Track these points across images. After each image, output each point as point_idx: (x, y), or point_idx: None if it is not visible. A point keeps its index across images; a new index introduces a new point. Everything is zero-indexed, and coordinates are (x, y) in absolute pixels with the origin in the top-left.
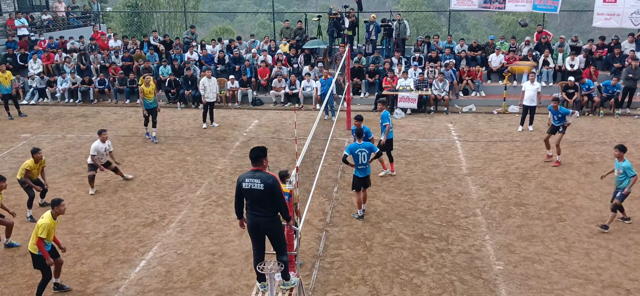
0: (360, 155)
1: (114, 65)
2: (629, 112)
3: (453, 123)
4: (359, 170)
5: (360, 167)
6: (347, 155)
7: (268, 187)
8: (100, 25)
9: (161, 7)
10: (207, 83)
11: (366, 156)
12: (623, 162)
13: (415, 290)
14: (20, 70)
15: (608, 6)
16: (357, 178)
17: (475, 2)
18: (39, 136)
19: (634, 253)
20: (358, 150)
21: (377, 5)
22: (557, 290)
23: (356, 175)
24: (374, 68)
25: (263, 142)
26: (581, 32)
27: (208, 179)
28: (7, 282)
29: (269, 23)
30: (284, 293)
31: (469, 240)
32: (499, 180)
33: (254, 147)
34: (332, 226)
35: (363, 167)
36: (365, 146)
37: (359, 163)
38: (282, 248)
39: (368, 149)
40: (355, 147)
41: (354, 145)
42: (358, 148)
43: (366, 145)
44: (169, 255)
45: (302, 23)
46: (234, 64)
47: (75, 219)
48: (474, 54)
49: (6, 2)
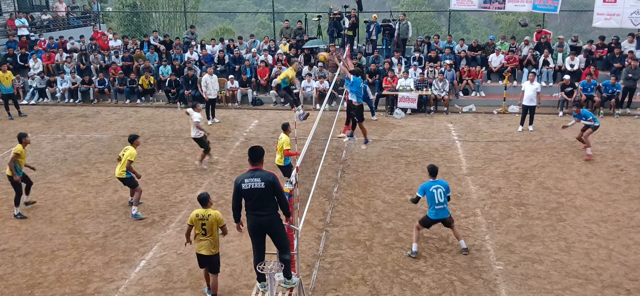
0: (436, 193)
1: (114, 65)
2: (629, 112)
3: (453, 123)
4: (437, 210)
5: (438, 207)
6: (420, 197)
7: (269, 184)
8: (101, 25)
9: (161, 7)
10: (209, 80)
11: (443, 194)
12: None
13: (415, 290)
14: (21, 70)
15: (608, 6)
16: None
17: (475, 2)
18: (39, 136)
19: (634, 253)
20: (433, 187)
21: (377, 5)
22: (557, 290)
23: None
24: (374, 68)
25: (263, 142)
26: (581, 32)
27: (208, 179)
28: (7, 282)
29: (269, 23)
30: (284, 292)
31: (469, 240)
32: (499, 180)
33: (252, 146)
34: (332, 226)
35: (441, 207)
36: (442, 184)
37: (436, 202)
38: (284, 246)
39: (445, 187)
40: (428, 185)
41: (427, 184)
42: (433, 186)
43: (443, 183)
44: (169, 255)
45: (302, 23)
46: (234, 63)
47: (75, 219)
48: (474, 54)
49: (6, 2)
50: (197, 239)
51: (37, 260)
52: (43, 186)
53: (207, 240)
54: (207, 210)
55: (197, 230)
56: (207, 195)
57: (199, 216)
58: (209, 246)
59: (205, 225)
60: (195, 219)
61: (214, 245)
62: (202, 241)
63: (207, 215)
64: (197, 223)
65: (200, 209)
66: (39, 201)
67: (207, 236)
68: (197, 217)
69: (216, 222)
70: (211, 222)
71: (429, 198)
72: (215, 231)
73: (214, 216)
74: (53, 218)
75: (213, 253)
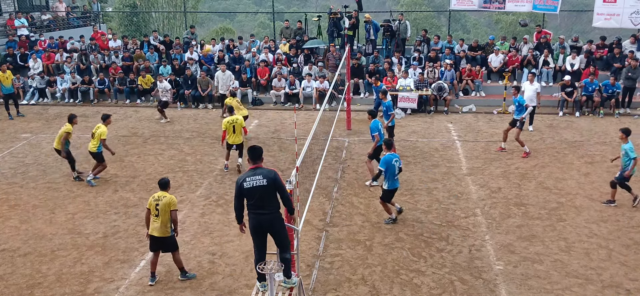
0: (397, 165)
1: (114, 65)
2: (629, 112)
3: (453, 123)
4: (396, 180)
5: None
6: (382, 170)
7: (271, 180)
8: (100, 25)
9: (161, 7)
10: (220, 77)
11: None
12: (626, 144)
13: (415, 290)
14: (21, 70)
15: (608, 6)
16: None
17: (475, 2)
18: (39, 136)
19: (634, 253)
20: (394, 160)
21: (377, 5)
22: (557, 290)
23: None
24: (374, 68)
25: (263, 142)
26: (581, 32)
27: (208, 179)
28: (7, 282)
29: (269, 23)
30: (284, 292)
31: (469, 240)
32: (499, 180)
33: (251, 145)
34: (332, 226)
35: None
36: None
37: (395, 174)
38: (285, 245)
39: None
40: (390, 158)
41: (389, 156)
42: (394, 159)
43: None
44: (168, 255)
45: (302, 23)
46: (234, 63)
47: (75, 219)
48: (474, 54)
49: (6, 2)
50: (152, 221)
51: (37, 260)
52: (43, 186)
53: (158, 221)
54: (164, 193)
55: (153, 212)
56: (168, 180)
57: (155, 198)
58: (160, 228)
59: (159, 205)
60: (151, 202)
61: (165, 227)
62: (154, 222)
63: (163, 196)
64: (152, 204)
65: (158, 192)
66: (39, 201)
67: (159, 218)
68: (153, 199)
69: (169, 205)
70: (164, 204)
71: (390, 171)
72: (167, 214)
73: (169, 199)
74: (53, 218)
75: (166, 235)
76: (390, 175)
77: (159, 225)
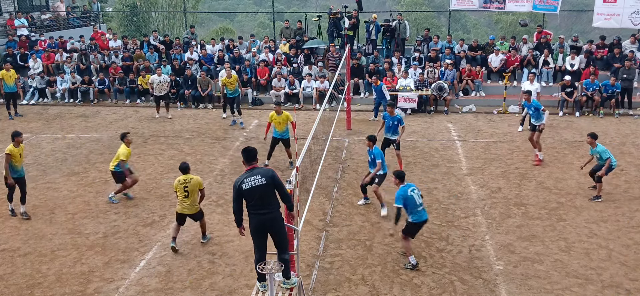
0: (415, 196)
1: (114, 65)
2: (630, 112)
3: (453, 123)
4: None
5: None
6: (400, 207)
7: (269, 179)
8: (100, 25)
9: (161, 7)
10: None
11: (419, 193)
12: (596, 147)
13: (415, 290)
14: (20, 70)
15: (608, 6)
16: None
17: (475, 2)
18: (39, 136)
19: (634, 253)
20: (410, 190)
21: (377, 5)
22: (557, 290)
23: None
24: (374, 68)
25: (263, 142)
26: (581, 32)
27: (208, 179)
28: (7, 282)
29: (269, 23)
30: (284, 292)
31: (469, 240)
32: (499, 180)
33: (245, 147)
34: (332, 226)
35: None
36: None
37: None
38: (284, 246)
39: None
40: (405, 190)
41: (404, 188)
42: (409, 189)
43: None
44: (169, 255)
45: (302, 23)
46: (234, 63)
47: (75, 219)
48: (474, 54)
49: (6, 2)
50: (180, 202)
51: (37, 260)
52: (43, 186)
53: (188, 200)
54: (189, 175)
55: (180, 194)
56: (188, 164)
57: (181, 181)
58: (190, 206)
59: (188, 187)
60: (177, 185)
61: (194, 204)
62: (184, 202)
63: (189, 179)
64: (179, 187)
65: (182, 175)
66: (39, 201)
67: (189, 197)
68: (179, 182)
69: (198, 185)
70: (193, 184)
71: (410, 204)
72: (196, 193)
73: (196, 180)
74: (53, 218)
75: (195, 211)
76: (412, 208)
77: (189, 203)
